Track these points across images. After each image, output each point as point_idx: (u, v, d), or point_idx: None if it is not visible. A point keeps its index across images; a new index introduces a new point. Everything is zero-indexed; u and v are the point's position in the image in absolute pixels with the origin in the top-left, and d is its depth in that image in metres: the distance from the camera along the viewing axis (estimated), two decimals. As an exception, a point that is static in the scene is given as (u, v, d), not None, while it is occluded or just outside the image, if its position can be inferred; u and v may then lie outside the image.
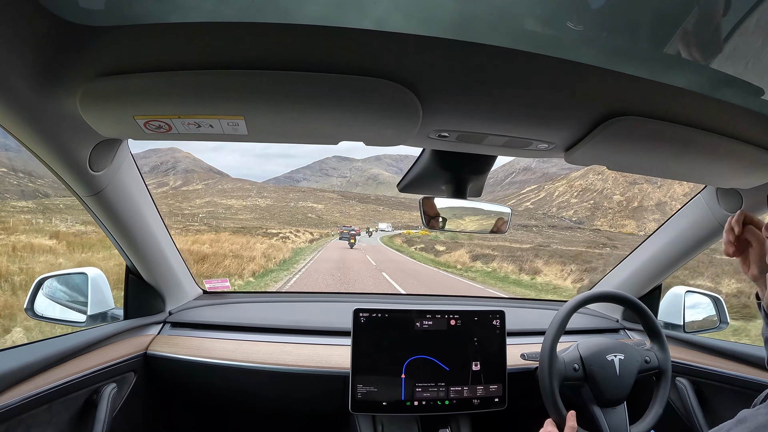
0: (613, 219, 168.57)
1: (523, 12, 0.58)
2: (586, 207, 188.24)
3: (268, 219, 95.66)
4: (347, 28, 0.57)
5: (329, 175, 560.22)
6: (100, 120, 0.76)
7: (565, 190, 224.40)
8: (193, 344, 1.37)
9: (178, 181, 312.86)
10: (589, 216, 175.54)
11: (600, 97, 0.72)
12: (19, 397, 0.89)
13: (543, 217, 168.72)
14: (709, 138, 0.81)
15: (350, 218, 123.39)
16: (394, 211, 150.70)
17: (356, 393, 1.22)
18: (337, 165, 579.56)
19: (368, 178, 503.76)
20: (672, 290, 1.65)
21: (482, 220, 1.16)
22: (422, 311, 1.29)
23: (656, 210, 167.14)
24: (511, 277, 17.69)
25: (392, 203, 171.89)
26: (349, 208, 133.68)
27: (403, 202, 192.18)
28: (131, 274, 1.38)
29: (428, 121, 0.77)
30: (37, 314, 1.34)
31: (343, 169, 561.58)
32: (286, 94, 0.69)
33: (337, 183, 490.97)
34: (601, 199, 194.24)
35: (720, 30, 0.59)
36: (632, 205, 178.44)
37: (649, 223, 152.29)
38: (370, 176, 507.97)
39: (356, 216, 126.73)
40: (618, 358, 1.21)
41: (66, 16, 0.57)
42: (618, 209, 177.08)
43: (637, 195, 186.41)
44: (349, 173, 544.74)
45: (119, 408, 1.20)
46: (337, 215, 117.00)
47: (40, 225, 24.71)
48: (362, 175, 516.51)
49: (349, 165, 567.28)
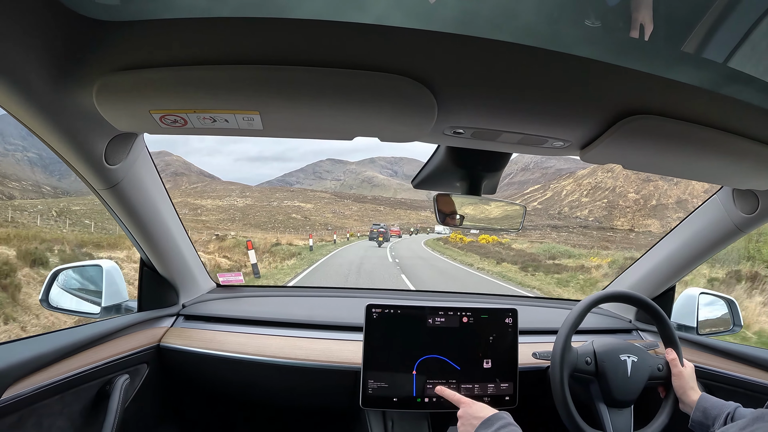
0: (634, 218, 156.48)
1: (539, 9, 0.58)
2: (600, 206, 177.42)
3: (237, 221, 78.40)
4: (363, 24, 0.58)
5: (323, 178, 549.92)
6: (116, 114, 0.77)
7: (573, 189, 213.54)
8: (205, 337, 1.38)
9: (169, 183, 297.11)
10: (606, 216, 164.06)
11: (616, 95, 0.72)
12: (32, 387, 0.90)
13: (568, 218, 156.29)
14: (726, 138, 0.81)
15: (345, 219, 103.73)
16: (397, 211, 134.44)
17: (367, 388, 1.22)
18: (331, 168, 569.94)
19: (363, 180, 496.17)
20: (686, 291, 1.64)
21: (497, 218, 1.16)
22: (434, 308, 1.28)
23: (678, 208, 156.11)
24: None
25: (392, 203, 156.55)
26: (343, 208, 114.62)
27: (405, 202, 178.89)
28: (145, 266, 1.39)
29: (443, 117, 0.77)
30: (51, 305, 1.35)
31: (337, 172, 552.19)
32: (301, 89, 0.69)
33: (331, 186, 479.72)
34: (615, 198, 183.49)
35: (739, 28, 0.58)
36: (650, 204, 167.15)
37: (674, 222, 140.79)
38: (365, 179, 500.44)
39: (353, 216, 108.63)
40: (631, 360, 1.21)
41: (82, 11, 0.58)
42: (636, 208, 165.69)
43: (654, 193, 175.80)
44: (343, 176, 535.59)
45: (131, 399, 1.22)
46: (329, 215, 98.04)
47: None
48: (357, 178, 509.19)
49: (343, 168, 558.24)
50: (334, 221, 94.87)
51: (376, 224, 38.40)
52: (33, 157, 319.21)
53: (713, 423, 1.02)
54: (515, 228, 1.17)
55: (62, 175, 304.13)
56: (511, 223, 1.17)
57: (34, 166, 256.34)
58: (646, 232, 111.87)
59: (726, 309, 1.63)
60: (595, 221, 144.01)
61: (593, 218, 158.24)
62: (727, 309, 1.62)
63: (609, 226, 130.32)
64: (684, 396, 1.14)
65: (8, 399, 0.85)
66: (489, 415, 0.99)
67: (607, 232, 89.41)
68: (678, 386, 1.17)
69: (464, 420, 1.03)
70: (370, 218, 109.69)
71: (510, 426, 0.93)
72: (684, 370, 1.18)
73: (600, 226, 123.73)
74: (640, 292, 1.50)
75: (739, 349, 1.38)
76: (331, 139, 0.87)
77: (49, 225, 30.05)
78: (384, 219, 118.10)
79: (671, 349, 1.23)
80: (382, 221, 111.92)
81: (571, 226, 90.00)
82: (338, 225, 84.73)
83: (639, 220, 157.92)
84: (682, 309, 1.62)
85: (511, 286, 12.85)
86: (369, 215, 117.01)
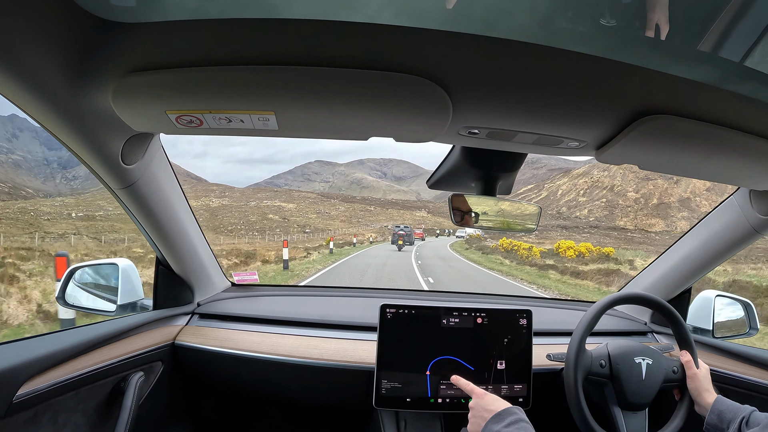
0: (636, 218, 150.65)
1: (553, 8, 0.58)
2: (599, 206, 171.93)
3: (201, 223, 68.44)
4: (378, 24, 0.58)
5: (311, 180, 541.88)
6: (133, 115, 0.78)
7: (569, 188, 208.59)
8: (220, 335, 1.38)
9: None
10: (607, 215, 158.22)
11: (633, 95, 0.72)
12: (47, 383, 0.91)
13: (569, 218, 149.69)
14: (743, 138, 0.80)
15: (331, 220, 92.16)
16: (389, 210, 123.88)
17: (381, 388, 1.22)
18: (320, 169, 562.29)
19: (351, 182, 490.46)
20: (702, 294, 1.62)
21: (512, 218, 1.16)
22: (449, 308, 1.27)
23: (681, 207, 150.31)
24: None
25: (383, 203, 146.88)
26: (329, 208, 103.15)
27: (397, 202, 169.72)
28: (161, 265, 1.40)
29: (458, 117, 0.77)
30: (68, 303, 1.36)
31: (326, 174, 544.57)
32: (316, 89, 0.69)
33: (320, 188, 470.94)
34: (614, 197, 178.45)
35: (755, 26, 0.58)
36: (651, 203, 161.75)
37: (678, 221, 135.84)
38: (354, 180, 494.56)
39: (339, 217, 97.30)
40: (646, 362, 1.20)
41: (99, 13, 0.58)
42: (637, 207, 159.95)
43: (654, 192, 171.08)
44: (332, 178, 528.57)
45: (146, 396, 1.23)
46: (312, 216, 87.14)
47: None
48: (345, 180, 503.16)
49: (332, 169, 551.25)
50: (317, 222, 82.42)
51: (397, 226, 36.10)
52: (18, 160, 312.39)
53: (728, 426, 1.02)
54: (531, 229, 1.17)
55: (47, 178, 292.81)
56: (527, 223, 1.17)
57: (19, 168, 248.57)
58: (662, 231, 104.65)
59: (742, 312, 1.61)
60: (596, 221, 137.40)
61: (594, 218, 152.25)
62: (743, 312, 1.60)
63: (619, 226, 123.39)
64: (699, 398, 1.13)
65: (24, 395, 0.87)
66: (501, 409, 0.97)
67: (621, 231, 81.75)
68: (693, 388, 1.16)
69: (475, 412, 1.01)
70: (358, 219, 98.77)
71: (521, 422, 0.92)
72: (699, 372, 1.17)
73: (610, 225, 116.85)
74: (656, 294, 1.49)
75: (755, 352, 1.37)
76: (345, 139, 0.88)
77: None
78: (375, 219, 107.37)
79: (686, 351, 1.22)
80: (373, 221, 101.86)
81: (581, 227, 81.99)
82: (321, 227, 71.93)
83: (642, 219, 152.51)
84: (698, 311, 1.59)
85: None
86: (358, 216, 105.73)
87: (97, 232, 46.01)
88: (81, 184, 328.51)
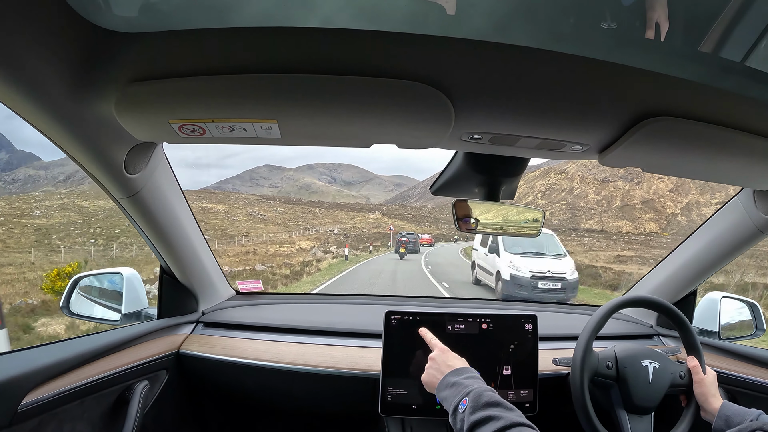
0: (602, 220, 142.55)
1: (555, 12, 0.58)
2: (560, 208, 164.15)
3: (79, 225, 50.89)
4: (380, 31, 0.58)
5: (260, 185, 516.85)
6: (135, 124, 0.78)
7: (526, 191, 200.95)
8: (225, 344, 1.38)
9: (83, 185, 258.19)
10: (571, 218, 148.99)
11: (635, 97, 0.72)
12: (52, 392, 0.91)
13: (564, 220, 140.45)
14: (746, 139, 0.80)
15: (265, 223, 73.58)
16: (337, 212, 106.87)
17: (386, 395, 1.22)
18: (268, 174, 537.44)
19: (300, 187, 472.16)
20: (708, 296, 1.61)
21: (516, 223, 1.16)
22: (454, 314, 1.27)
23: (646, 208, 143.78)
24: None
25: (330, 205, 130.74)
26: (266, 210, 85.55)
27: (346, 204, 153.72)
28: (165, 274, 1.39)
29: (461, 123, 0.77)
30: (72, 312, 1.35)
31: (275, 179, 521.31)
32: (319, 97, 0.69)
33: (268, 193, 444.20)
34: (573, 199, 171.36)
35: (756, 26, 0.58)
36: (614, 204, 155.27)
37: (645, 222, 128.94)
38: (303, 185, 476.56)
39: (275, 220, 79.20)
40: (653, 366, 1.19)
41: (101, 23, 0.58)
42: (601, 209, 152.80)
43: (615, 193, 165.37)
44: (280, 182, 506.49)
45: (150, 405, 1.22)
46: (243, 218, 70.49)
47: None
48: (294, 185, 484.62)
49: (281, 174, 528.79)
50: (248, 226, 64.74)
51: (400, 233, 33.47)
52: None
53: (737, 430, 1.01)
54: (534, 233, 1.17)
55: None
56: (531, 227, 1.16)
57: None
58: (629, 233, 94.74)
59: (749, 313, 1.59)
60: (559, 224, 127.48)
61: (557, 221, 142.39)
62: (749, 313, 1.59)
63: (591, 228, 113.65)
64: (705, 404, 1.12)
65: (29, 404, 0.86)
66: (461, 366, 0.99)
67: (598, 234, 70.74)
68: (699, 393, 1.15)
69: (434, 363, 1.03)
70: (298, 222, 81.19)
71: (478, 379, 0.93)
72: (706, 377, 1.16)
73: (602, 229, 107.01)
74: (661, 296, 1.48)
75: (762, 353, 1.36)
76: (348, 146, 0.88)
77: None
78: (320, 222, 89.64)
79: (693, 356, 1.21)
80: (317, 224, 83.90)
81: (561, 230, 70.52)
82: (242, 231, 54.33)
83: (608, 222, 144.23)
84: (704, 313, 1.58)
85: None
86: (299, 218, 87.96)
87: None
88: (20, 187, 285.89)
